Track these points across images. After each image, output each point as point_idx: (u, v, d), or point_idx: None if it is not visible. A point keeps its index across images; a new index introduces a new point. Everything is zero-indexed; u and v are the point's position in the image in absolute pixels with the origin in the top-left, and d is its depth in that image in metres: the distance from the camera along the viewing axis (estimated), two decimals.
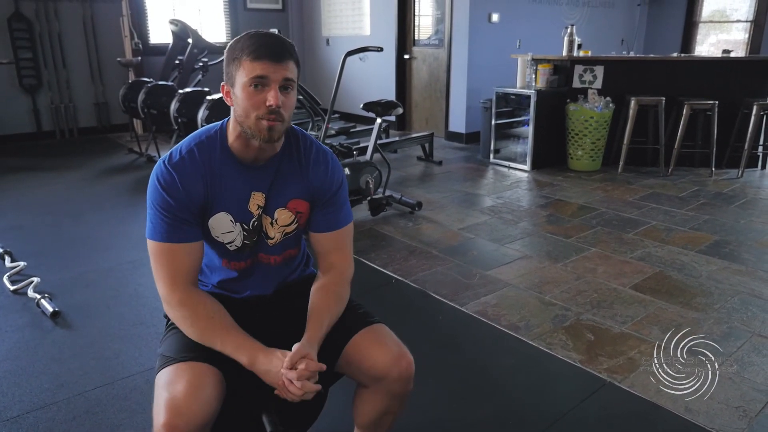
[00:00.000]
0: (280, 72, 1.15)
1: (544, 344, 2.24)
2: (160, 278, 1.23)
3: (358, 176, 3.63)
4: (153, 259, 1.23)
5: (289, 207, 1.32)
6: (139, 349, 2.19)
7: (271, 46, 1.15)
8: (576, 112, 4.92)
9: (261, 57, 1.13)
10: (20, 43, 6.03)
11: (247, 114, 1.17)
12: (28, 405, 1.86)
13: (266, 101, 1.15)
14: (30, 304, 2.56)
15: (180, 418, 1.04)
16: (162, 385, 1.11)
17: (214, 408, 1.09)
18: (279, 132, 1.19)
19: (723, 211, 3.90)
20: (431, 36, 6.54)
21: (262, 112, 1.15)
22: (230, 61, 1.18)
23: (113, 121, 6.76)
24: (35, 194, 4.39)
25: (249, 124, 1.17)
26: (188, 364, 1.14)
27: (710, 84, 5.03)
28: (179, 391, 1.07)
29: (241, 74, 1.16)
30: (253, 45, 1.15)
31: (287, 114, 1.19)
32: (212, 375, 1.13)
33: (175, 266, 1.22)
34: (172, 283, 1.22)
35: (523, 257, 3.13)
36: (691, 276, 2.86)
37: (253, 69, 1.14)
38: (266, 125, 1.16)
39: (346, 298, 1.34)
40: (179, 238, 1.22)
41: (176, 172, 1.21)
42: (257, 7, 7.55)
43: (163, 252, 1.22)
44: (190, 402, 1.06)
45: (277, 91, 1.15)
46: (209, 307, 1.22)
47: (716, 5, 7.62)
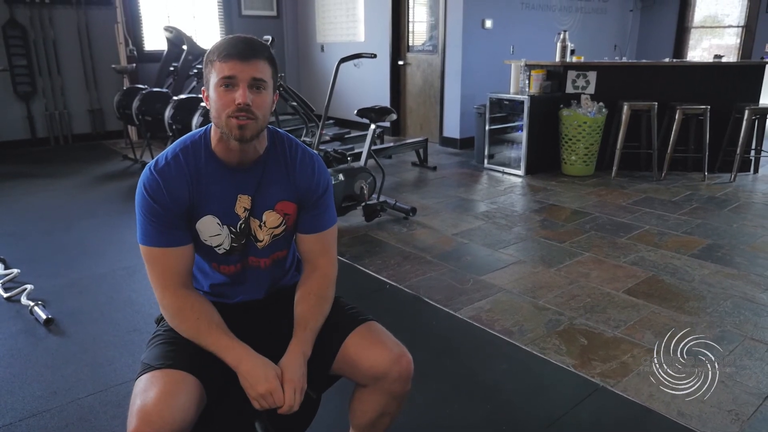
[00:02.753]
0: (247, 71, 1.17)
1: (538, 349, 2.25)
2: (152, 281, 1.26)
3: (353, 182, 3.64)
4: (145, 263, 1.26)
5: (277, 209, 1.33)
6: (133, 356, 2.18)
7: (240, 46, 1.18)
8: (569, 117, 4.95)
9: (230, 57, 1.16)
10: (15, 50, 6.03)
11: (219, 114, 1.19)
12: (20, 412, 1.85)
13: (235, 100, 1.17)
14: (23, 311, 2.55)
15: (149, 426, 1.03)
16: (137, 393, 1.11)
17: (187, 416, 1.08)
18: (252, 130, 1.20)
19: (715, 215, 3.92)
20: (425, 42, 6.58)
21: (231, 110, 1.17)
22: (205, 64, 1.21)
23: (108, 127, 6.76)
24: (29, 201, 4.38)
25: (221, 123, 1.20)
26: (163, 371, 1.13)
27: (702, 89, 5.07)
28: (150, 398, 1.07)
29: (213, 75, 1.19)
30: (223, 47, 1.18)
31: (260, 113, 1.20)
32: (188, 383, 1.12)
33: (166, 269, 1.25)
34: (163, 286, 1.25)
35: (516, 262, 3.14)
36: (683, 280, 2.88)
37: (222, 69, 1.17)
38: (236, 123, 1.18)
39: (331, 299, 1.36)
40: (168, 242, 1.24)
41: (161, 177, 1.23)
42: (252, 14, 7.57)
43: (154, 256, 1.24)
44: (161, 409, 1.05)
45: (246, 90, 1.17)
46: (197, 307, 1.24)
47: (708, 11, 7.68)
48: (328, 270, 1.37)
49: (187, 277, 1.28)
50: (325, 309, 1.32)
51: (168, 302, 1.24)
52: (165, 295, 1.24)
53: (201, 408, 1.14)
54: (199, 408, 1.13)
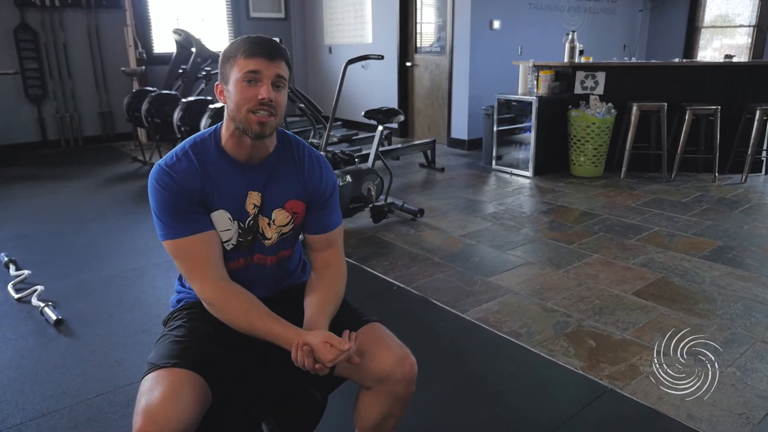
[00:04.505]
0: (272, 69, 1.20)
1: (546, 351, 2.24)
2: (186, 275, 1.27)
3: (360, 183, 3.64)
4: (175, 260, 1.26)
5: (287, 207, 1.35)
6: (141, 357, 2.19)
7: (265, 45, 1.21)
8: (578, 118, 4.93)
9: (255, 54, 1.19)
10: (26, 54, 6.09)
11: (238, 108, 1.20)
12: (30, 413, 1.87)
13: (258, 95, 1.19)
14: (34, 312, 2.57)
15: (154, 425, 1.03)
16: (142, 392, 1.11)
17: (192, 416, 1.09)
18: (271, 127, 1.23)
19: (726, 217, 3.89)
20: (433, 43, 6.57)
21: (253, 105, 1.19)
22: (225, 60, 1.23)
23: (117, 130, 6.81)
24: (40, 203, 4.42)
25: (240, 118, 1.21)
26: (169, 370, 1.14)
27: (713, 89, 5.03)
28: (155, 397, 1.08)
29: (235, 71, 1.20)
30: (247, 44, 1.21)
31: (279, 111, 1.23)
32: (193, 382, 1.13)
33: (196, 259, 1.24)
34: (201, 278, 1.24)
35: (524, 264, 3.13)
36: (693, 282, 2.85)
37: (247, 65, 1.19)
38: (256, 119, 1.20)
39: (342, 294, 1.38)
40: (189, 230, 1.24)
41: (172, 170, 1.24)
42: (260, 16, 7.60)
43: (180, 248, 1.24)
44: (166, 408, 1.06)
45: (269, 86, 1.20)
46: (243, 298, 1.24)
47: (719, 10, 7.62)
48: (339, 266, 1.40)
49: (220, 266, 1.28)
50: (338, 304, 1.35)
51: (211, 296, 1.24)
52: (205, 289, 1.24)
53: (206, 407, 1.15)
54: (204, 407, 1.14)
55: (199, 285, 1.24)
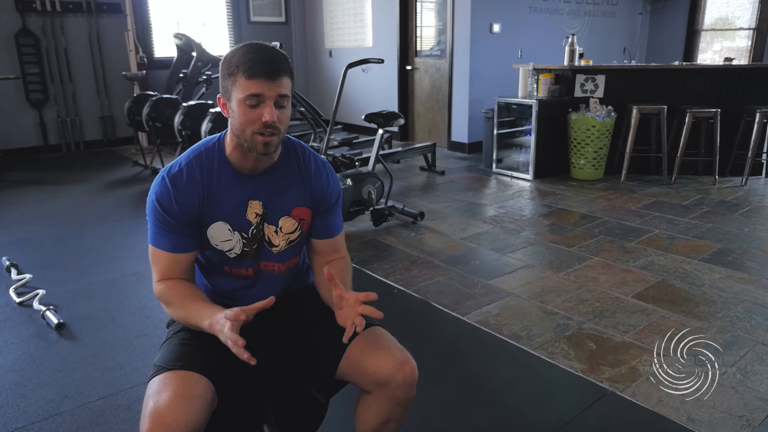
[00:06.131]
0: (274, 89, 1.17)
1: (546, 354, 2.24)
2: (153, 272, 1.32)
3: (361, 187, 3.65)
4: (150, 257, 1.31)
5: (293, 215, 1.35)
6: (143, 361, 2.20)
7: (266, 64, 1.16)
8: (578, 121, 4.94)
9: (256, 75, 1.15)
10: (27, 59, 6.11)
11: (243, 129, 1.20)
12: (32, 416, 1.87)
13: (262, 117, 1.17)
14: (35, 315, 2.58)
15: (163, 428, 1.04)
16: (150, 395, 1.12)
17: (200, 418, 1.09)
18: (275, 145, 1.23)
19: (726, 219, 3.89)
20: (433, 47, 6.59)
21: (257, 127, 1.18)
22: (226, 75, 1.20)
23: (118, 134, 6.83)
24: (41, 207, 4.43)
25: (245, 138, 1.21)
26: (176, 372, 1.14)
27: (712, 92, 5.04)
28: (164, 400, 1.08)
29: (236, 91, 1.18)
30: (248, 62, 1.16)
31: (283, 127, 1.22)
32: (201, 384, 1.13)
33: (169, 269, 1.29)
34: (159, 280, 1.30)
35: (525, 266, 3.13)
36: (694, 285, 2.86)
37: (248, 87, 1.16)
38: (262, 140, 1.20)
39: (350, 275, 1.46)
40: (174, 248, 1.27)
41: (173, 185, 1.25)
42: (261, 20, 7.62)
43: (156, 256, 1.29)
44: (175, 411, 1.06)
45: (272, 108, 1.18)
46: (183, 290, 1.27)
47: (719, 13, 7.63)
48: (345, 258, 1.47)
49: (185, 275, 1.32)
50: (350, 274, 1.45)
51: (157, 292, 1.30)
52: (156, 287, 1.30)
53: (212, 409, 1.15)
54: (211, 410, 1.14)
55: (154, 285, 1.31)
